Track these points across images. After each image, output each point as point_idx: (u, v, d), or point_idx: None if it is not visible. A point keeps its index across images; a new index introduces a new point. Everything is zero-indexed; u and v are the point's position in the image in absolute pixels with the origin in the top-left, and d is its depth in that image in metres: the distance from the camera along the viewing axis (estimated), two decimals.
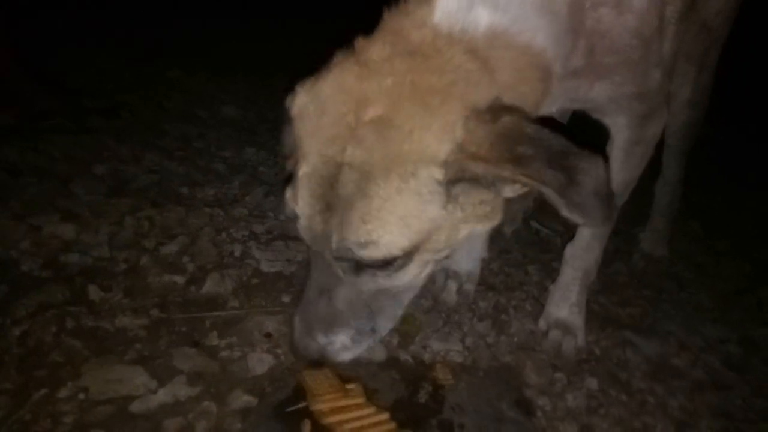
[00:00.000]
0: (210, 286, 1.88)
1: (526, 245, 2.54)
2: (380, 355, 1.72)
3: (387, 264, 1.19)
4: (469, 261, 2.06)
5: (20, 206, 2.13)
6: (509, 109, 1.09)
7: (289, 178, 1.25)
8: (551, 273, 2.28)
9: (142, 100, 3.34)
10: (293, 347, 1.37)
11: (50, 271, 1.86)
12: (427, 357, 1.77)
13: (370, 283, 1.25)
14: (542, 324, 1.94)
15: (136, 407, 1.44)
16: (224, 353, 1.65)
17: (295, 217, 1.24)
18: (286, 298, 1.89)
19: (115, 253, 1.97)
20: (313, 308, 1.30)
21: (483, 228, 1.25)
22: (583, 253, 1.89)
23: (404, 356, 1.75)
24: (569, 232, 2.62)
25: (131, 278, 1.87)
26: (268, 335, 1.73)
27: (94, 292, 1.79)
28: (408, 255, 1.18)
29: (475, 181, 1.10)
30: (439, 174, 1.09)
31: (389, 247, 1.14)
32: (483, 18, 1.15)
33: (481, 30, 1.15)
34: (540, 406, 1.66)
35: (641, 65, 1.47)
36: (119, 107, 3.12)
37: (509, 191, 1.15)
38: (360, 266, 1.21)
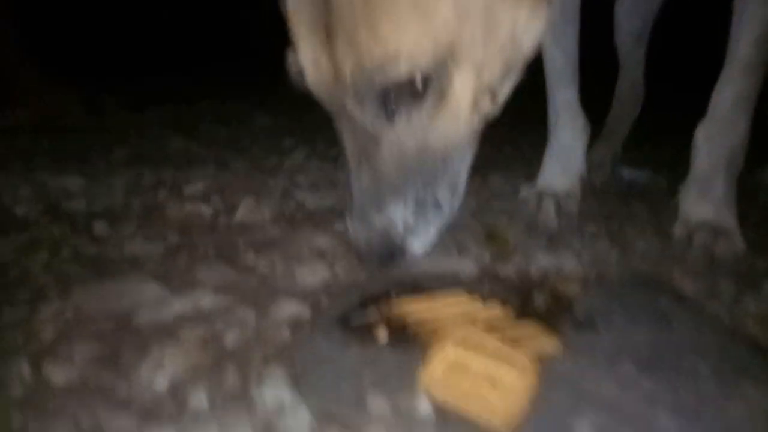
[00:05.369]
0: (243, 214, 1.49)
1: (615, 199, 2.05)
2: (470, 269, 1.27)
3: (420, 92, 0.98)
4: (564, 179, 1.64)
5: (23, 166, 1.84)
6: None
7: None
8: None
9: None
10: (358, 249, 1.13)
11: (50, 216, 1.51)
12: (534, 272, 1.30)
13: (408, 133, 1.03)
14: (679, 230, 1.43)
15: (143, 318, 1.01)
16: (264, 269, 1.23)
17: (302, 77, 1.05)
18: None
19: (130, 200, 1.62)
20: (359, 187, 1.07)
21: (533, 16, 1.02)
22: (719, 133, 1.44)
23: (504, 272, 1.29)
24: (659, 180, 2.14)
25: (147, 213, 1.51)
26: (320, 253, 1.31)
27: (100, 228, 1.42)
28: (441, 68, 0.97)
29: None
30: None
31: (413, 58, 0.94)
32: None
33: None
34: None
35: None
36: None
37: None
38: (390, 107, 1.00)
